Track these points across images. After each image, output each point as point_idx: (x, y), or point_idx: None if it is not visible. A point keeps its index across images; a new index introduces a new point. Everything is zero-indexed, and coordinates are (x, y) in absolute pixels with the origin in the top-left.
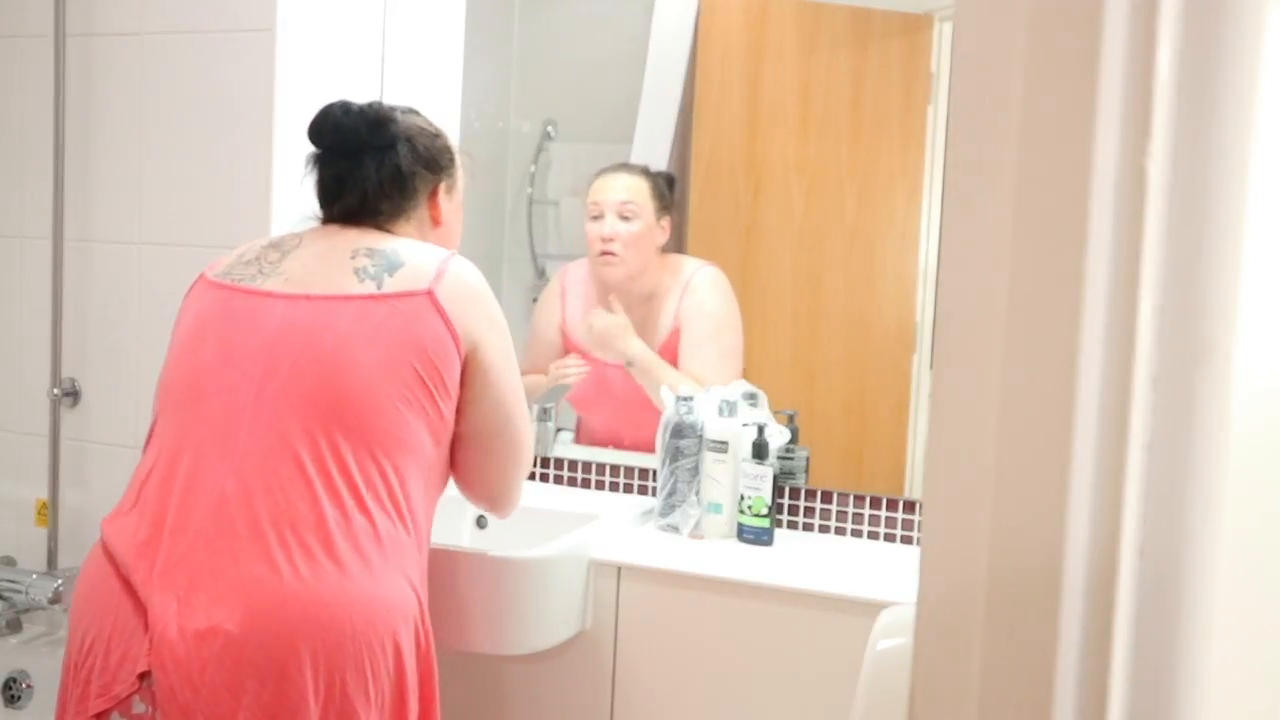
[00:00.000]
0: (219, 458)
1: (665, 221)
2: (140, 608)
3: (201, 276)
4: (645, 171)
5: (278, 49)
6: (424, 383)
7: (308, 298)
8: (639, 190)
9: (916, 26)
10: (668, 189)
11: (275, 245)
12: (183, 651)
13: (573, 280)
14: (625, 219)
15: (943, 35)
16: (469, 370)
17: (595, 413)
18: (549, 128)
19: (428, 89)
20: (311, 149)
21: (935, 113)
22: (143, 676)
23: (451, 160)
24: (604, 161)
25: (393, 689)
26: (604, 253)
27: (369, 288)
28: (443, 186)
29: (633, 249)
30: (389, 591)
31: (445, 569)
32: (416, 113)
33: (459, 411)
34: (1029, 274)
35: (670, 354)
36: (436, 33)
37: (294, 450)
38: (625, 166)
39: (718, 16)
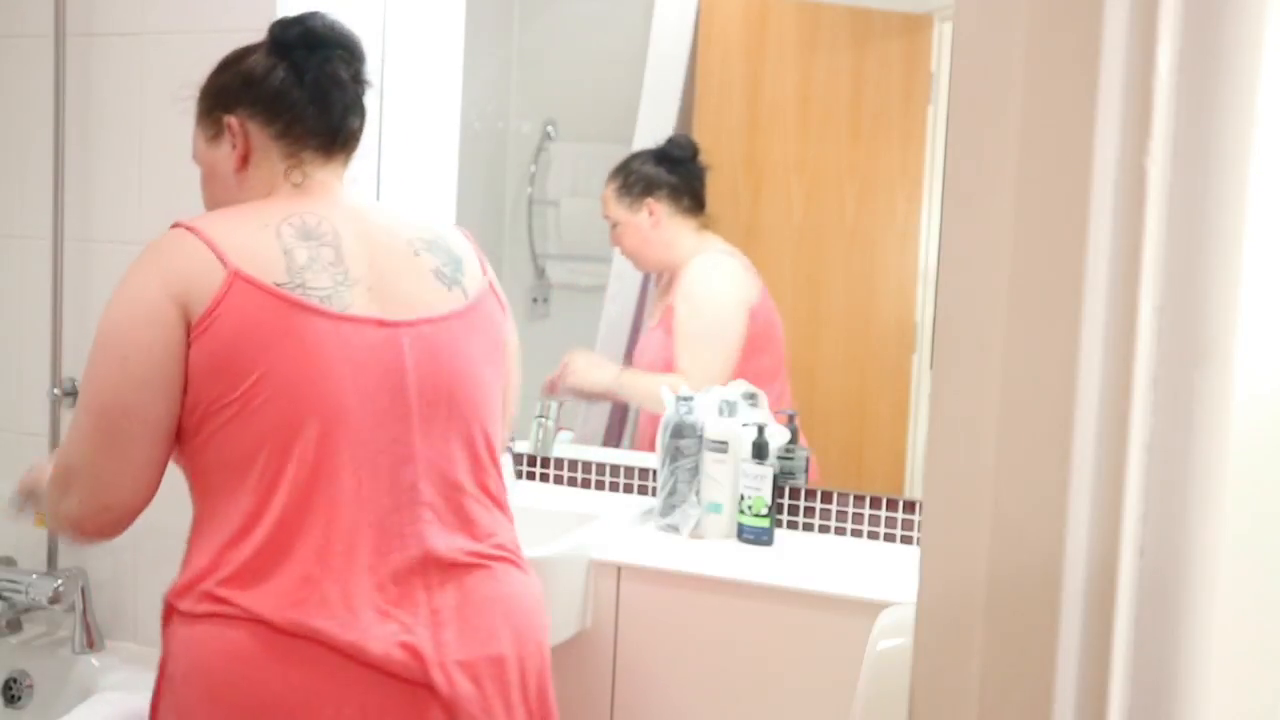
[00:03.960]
0: (407, 509)
1: (650, 202)
2: (381, 671)
3: (249, 280)
4: (620, 168)
5: None
6: (506, 375)
7: (428, 321)
8: (607, 198)
9: (916, 26)
10: (645, 167)
11: (310, 235)
12: (480, 701)
13: None
14: (612, 227)
15: (943, 35)
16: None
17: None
18: (549, 128)
19: (428, 89)
20: (292, 44)
21: (935, 113)
22: None
23: None
24: (604, 161)
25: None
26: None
27: (459, 297)
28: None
29: (627, 250)
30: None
31: None
32: None
33: None
34: (1029, 274)
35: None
36: (436, 33)
37: (475, 479)
38: (613, 172)
39: (718, 16)
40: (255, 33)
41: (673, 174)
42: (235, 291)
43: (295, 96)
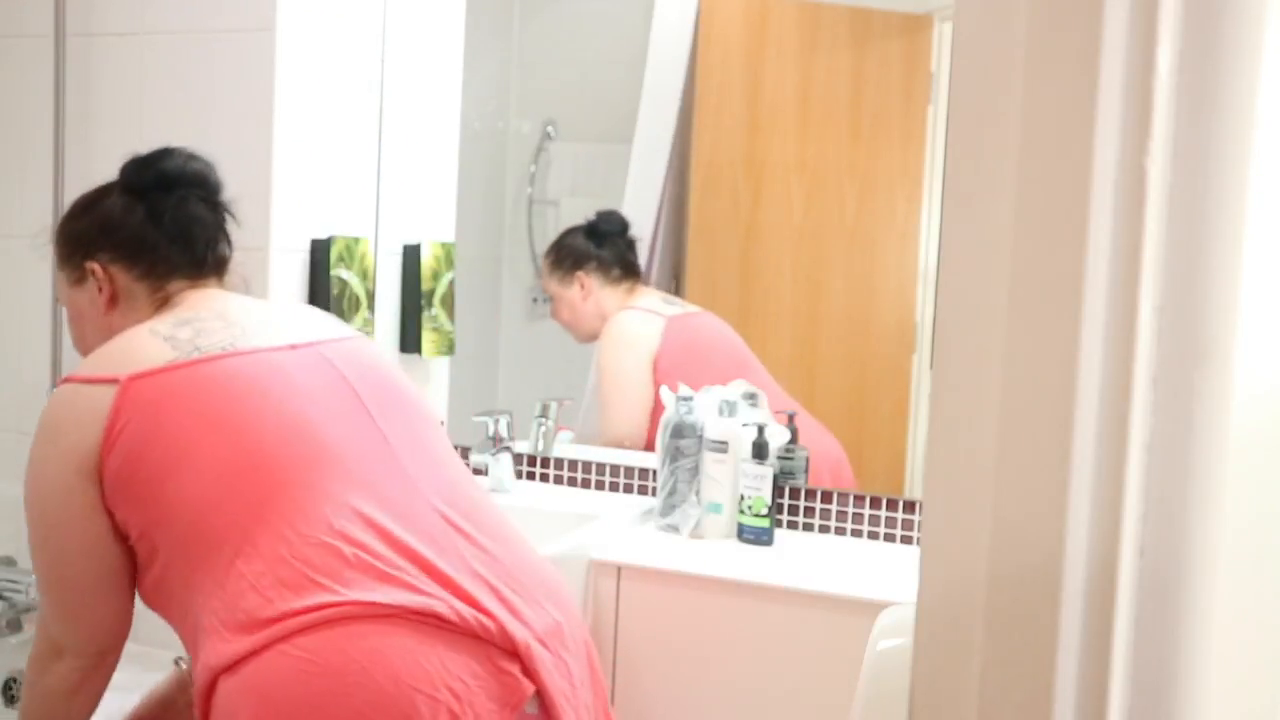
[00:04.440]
0: (407, 490)
1: (580, 275)
2: (461, 647)
3: (141, 375)
4: (553, 245)
5: (278, 49)
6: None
7: (333, 341)
8: (543, 272)
9: (916, 26)
10: (576, 242)
11: (187, 321)
12: (551, 660)
13: None
14: (550, 300)
15: (943, 35)
16: None
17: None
18: (549, 128)
19: (428, 89)
20: (148, 186)
21: (935, 113)
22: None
23: None
24: (604, 161)
25: None
26: None
27: (353, 329)
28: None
29: (563, 321)
30: None
31: None
32: None
33: None
34: (1029, 274)
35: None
36: (436, 33)
37: (446, 462)
38: (547, 249)
39: (718, 16)
40: (254, 32)
41: (601, 248)
42: (131, 395)
43: (155, 238)
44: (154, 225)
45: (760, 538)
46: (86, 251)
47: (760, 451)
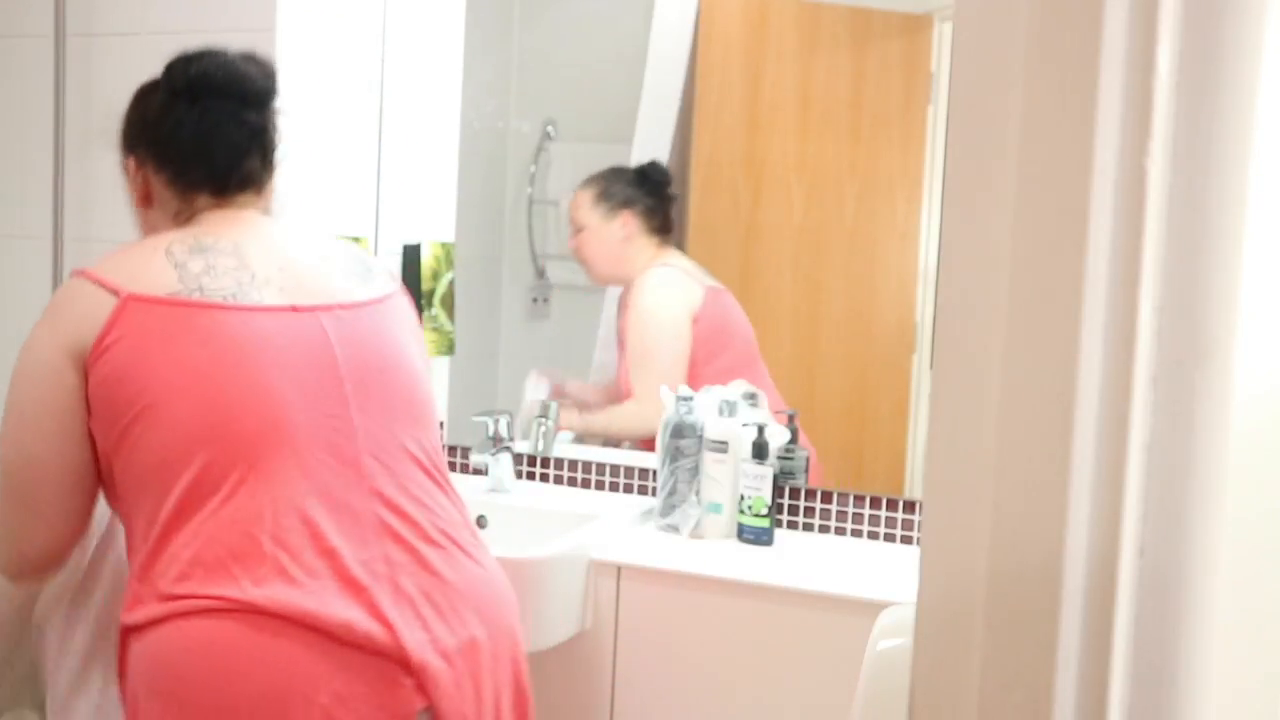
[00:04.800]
0: (356, 487)
1: (625, 215)
2: (349, 659)
3: (141, 298)
4: (597, 177)
5: (278, 49)
6: (428, 366)
7: (344, 306)
8: (579, 202)
9: (916, 26)
10: (624, 184)
11: (204, 249)
12: (453, 677)
13: None
14: (577, 231)
15: (943, 35)
16: None
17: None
18: (549, 128)
19: (428, 89)
20: (180, 89)
21: (935, 113)
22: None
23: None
24: (604, 161)
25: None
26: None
27: (375, 288)
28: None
29: (587, 255)
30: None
31: None
32: None
33: None
34: (1029, 274)
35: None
36: (436, 33)
37: (416, 459)
38: (587, 180)
39: (718, 16)
40: (255, 32)
41: (649, 196)
42: (128, 314)
43: (180, 146)
44: (179, 134)
45: (760, 538)
46: (129, 144)
47: (760, 451)
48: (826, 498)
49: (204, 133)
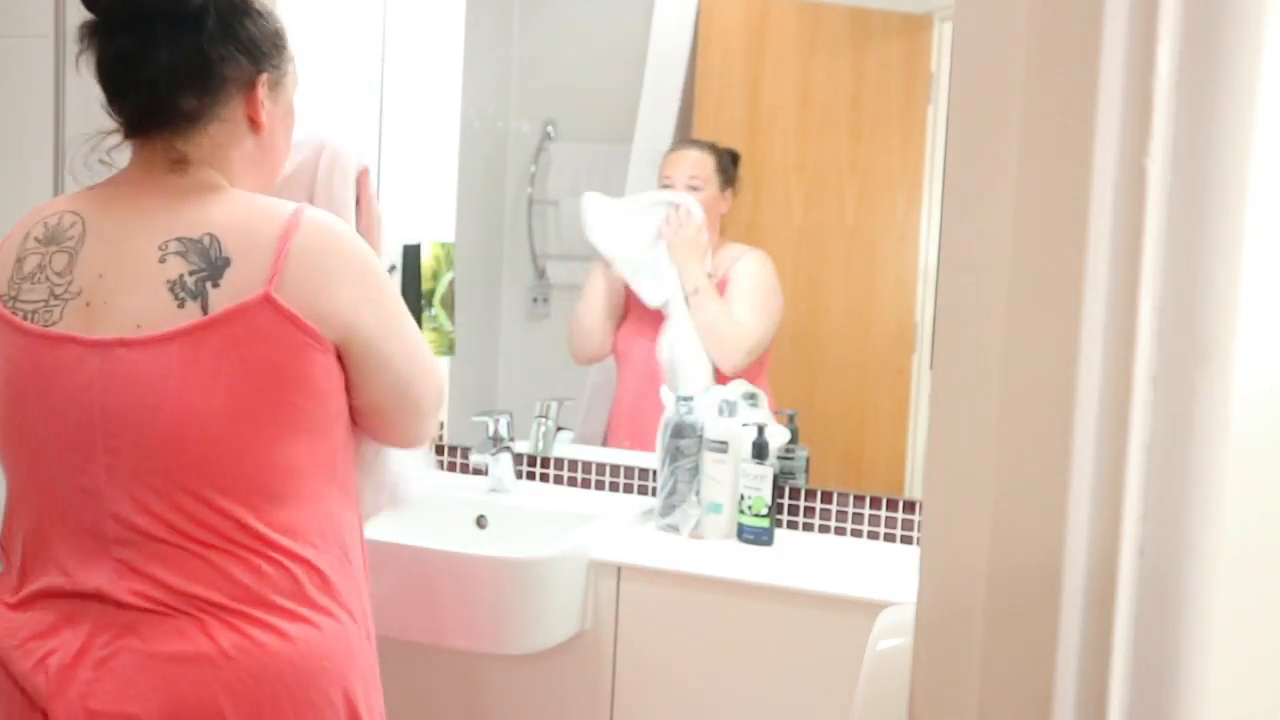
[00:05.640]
0: (90, 541)
1: (729, 194)
2: (15, 686)
3: None
4: (712, 147)
5: None
6: (294, 403)
7: (123, 343)
8: (704, 164)
9: (916, 26)
10: (731, 165)
11: (54, 238)
12: None
13: None
14: (693, 189)
15: (943, 35)
16: (347, 359)
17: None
18: (549, 128)
19: (428, 89)
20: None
21: (935, 113)
22: None
23: (281, 49)
24: (604, 161)
25: None
26: None
27: (193, 312)
28: (265, 81)
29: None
30: (329, 639)
31: (446, 570)
32: None
33: (349, 391)
34: (1029, 274)
35: None
36: (436, 33)
37: (172, 525)
38: (694, 143)
39: (718, 16)
40: None
41: (731, 185)
42: None
43: (102, 80)
44: (101, 69)
45: (760, 538)
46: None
47: (760, 451)
48: (826, 498)
49: (108, 64)
